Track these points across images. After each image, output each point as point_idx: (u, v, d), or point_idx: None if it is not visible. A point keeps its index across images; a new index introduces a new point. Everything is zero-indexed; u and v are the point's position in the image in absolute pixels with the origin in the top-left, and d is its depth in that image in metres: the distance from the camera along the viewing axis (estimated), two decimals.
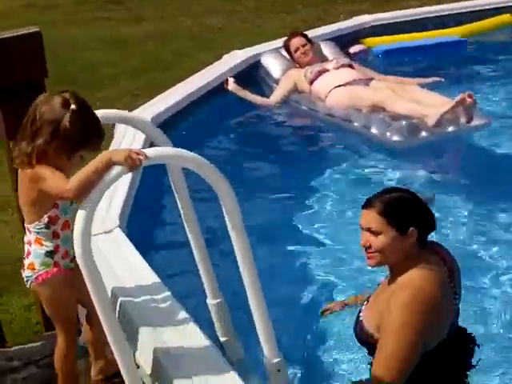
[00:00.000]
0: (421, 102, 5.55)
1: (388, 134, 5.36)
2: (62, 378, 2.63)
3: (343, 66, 6.24)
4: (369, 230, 2.67)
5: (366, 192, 4.48)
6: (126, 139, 4.79)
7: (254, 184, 4.92)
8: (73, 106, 2.27)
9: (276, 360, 2.46)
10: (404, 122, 5.34)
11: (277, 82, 6.53)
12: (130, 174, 2.19)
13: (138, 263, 3.25)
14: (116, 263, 3.13)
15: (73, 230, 2.36)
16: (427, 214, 2.73)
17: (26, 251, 2.51)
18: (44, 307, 2.55)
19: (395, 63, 7.17)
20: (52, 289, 2.49)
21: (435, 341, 2.64)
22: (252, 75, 6.75)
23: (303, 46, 6.42)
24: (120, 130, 4.99)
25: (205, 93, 6.12)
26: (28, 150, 2.29)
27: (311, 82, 6.17)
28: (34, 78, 2.75)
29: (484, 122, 5.43)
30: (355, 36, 7.67)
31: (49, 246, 2.47)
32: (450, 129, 5.37)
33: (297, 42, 6.46)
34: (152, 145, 2.83)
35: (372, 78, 6.16)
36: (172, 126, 5.34)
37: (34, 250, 2.47)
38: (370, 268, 2.82)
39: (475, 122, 5.37)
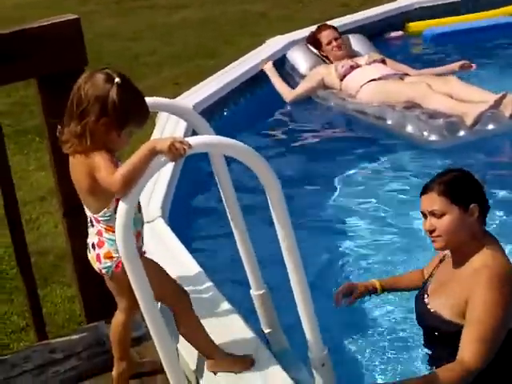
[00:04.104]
0: (460, 97, 5.27)
1: (425, 133, 5.07)
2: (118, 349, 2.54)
3: (376, 61, 5.99)
4: (432, 213, 2.67)
5: (402, 192, 4.45)
6: (168, 127, 4.77)
7: (286, 176, 4.74)
8: (117, 80, 2.21)
9: (320, 354, 2.40)
10: (442, 121, 5.07)
11: (303, 77, 6.23)
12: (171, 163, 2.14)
13: (180, 253, 3.23)
14: (158, 253, 3.08)
15: (140, 208, 2.37)
16: (483, 191, 2.72)
17: (94, 242, 2.37)
18: (118, 291, 2.44)
19: (447, 48, 6.82)
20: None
21: None
22: None
23: (336, 39, 6.18)
24: (162, 117, 4.97)
25: (246, 79, 6.02)
26: (78, 131, 2.21)
27: (342, 78, 5.90)
28: (73, 66, 2.68)
29: None
30: (399, 20, 7.41)
31: None
32: (491, 126, 5.03)
33: (329, 34, 6.21)
34: (194, 133, 2.78)
35: (407, 74, 5.91)
36: (213, 113, 5.29)
37: (108, 239, 2.34)
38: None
39: None
